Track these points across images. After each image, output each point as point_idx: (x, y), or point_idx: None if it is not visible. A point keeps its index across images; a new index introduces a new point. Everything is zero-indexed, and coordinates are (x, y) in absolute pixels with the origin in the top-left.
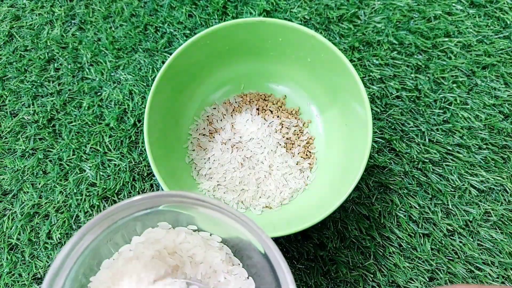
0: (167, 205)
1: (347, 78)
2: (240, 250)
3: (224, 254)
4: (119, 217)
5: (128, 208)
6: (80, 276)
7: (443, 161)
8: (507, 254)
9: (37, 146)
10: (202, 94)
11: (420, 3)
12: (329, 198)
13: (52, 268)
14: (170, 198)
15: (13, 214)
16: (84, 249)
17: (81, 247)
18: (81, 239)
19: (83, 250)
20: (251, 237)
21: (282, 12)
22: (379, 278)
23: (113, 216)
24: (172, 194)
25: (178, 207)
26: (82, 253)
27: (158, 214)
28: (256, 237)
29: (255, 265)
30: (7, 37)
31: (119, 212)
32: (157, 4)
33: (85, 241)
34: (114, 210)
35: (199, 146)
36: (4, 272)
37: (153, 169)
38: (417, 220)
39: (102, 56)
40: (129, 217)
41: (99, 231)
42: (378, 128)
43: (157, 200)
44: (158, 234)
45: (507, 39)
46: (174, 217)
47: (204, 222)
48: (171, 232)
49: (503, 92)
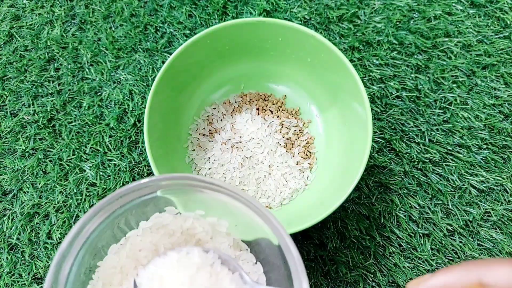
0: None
1: (347, 78)
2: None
3: (231, 239)
4: (127, 200)
5: (137, 191)
6: (87, 259)
7: (443, 161)
8: (507, 254)
9: (37, 146)
10: (202, 94)
11: (420, 3)
12: (329, 198)
13: (60, 250)
14: (180, 180)
15: (13, 214)
16: (91, 232)
17: (88, 230)
18: (89, 221)
19: (90, 233)
20: (261, 222)
21: (282, 12)
22: (379, 278)
23: (120, 199)
24: (182, 177)
25: (187, 191)
26: (89, 237)
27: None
28: (266, 222)
29: (264, 251)
30: (7, 37)
31: (126, 195)
32: (157, 4)
33: (93, 224)
34: (123, 192)
35: (199, 146)
36: (4, 272)
37: (153, 169)
38: (417, 220)
39: (102, 56)
40: (136, 201)
41: (107, 214)
42: (378, 128)
43: (166, 183)
44: (165, 219)
45: (507, 39)
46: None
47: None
48: (179, 217)
49: (503, 92)
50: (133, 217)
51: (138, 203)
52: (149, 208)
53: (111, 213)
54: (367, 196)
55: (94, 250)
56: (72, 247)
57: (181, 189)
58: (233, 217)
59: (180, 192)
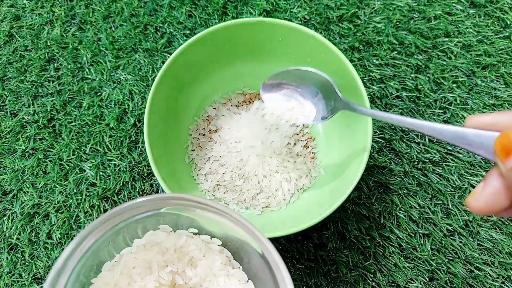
0: (168, 208)
1: (347, 78)
2: (240, 253)
3: (224, 257)
4: (121, 219)
5: (130, 210)
6: (81, 277)
7: (443, 161)
8: (507, 254)
9: (37, 146)
10: (202, 94)
11: (420, 3)
12: (329, 198)
13: (54, 269)
14: (171, 201)
15: (13, 214)
16: (86, 251)
17: (83, 248)
18: (83, 240)
19: (84, 251)
20: (249, 238)
21: (282, 12)
22: (379, 278)
23: (115, 218)
24: (173, 197)
25: (179, 209)
26: (84, 255)
27: (159, 217)
28: (254, 239)
29: (254, 267)
30: (7, 37)
31: (121, 214)
32: (157, 4)
33: (87, 242)
34: (116, 212)
35: (199, 146)
36: (4, 272)
37: (153, 169)
38: (417, 220)
39: (102, 56)
40: (130, 220)
41: (101, 233)
42: (378, 128)
43: (158, 202)
44: (159, 237)
45: (507, 39)
46: (175, 219)
47: (206, 222)
48: (172, 235)
49: (503, 92)
50: (127, 234)
51: (132, 222)
52: (143, 226)
53: (106, 231)
54: (367, 196)
55: (88, 268)
56: (67, 265)
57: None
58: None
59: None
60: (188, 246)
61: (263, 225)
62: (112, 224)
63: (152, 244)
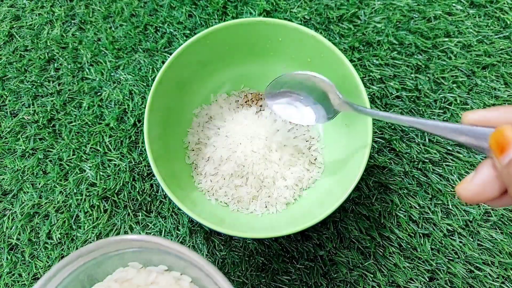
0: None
1: (347, 78)
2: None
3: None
4: (91, 257)
5: (96, 250)
6: None
7: (443, 161)
8: (507, 254)
9: (37, 146)
10: (202, 94)
11: (420, 3)
12: (329, 198)
13: None
14: (132, 242)
15: (13, 214)
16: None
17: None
18: (52, 277)
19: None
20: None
21: (282, 12)
22: (379, 278)
23: (83, 257)
24: (133, 239)
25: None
26: None
27: (129, 254)
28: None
29: None
30: (7, 37)
31: (88, 254)
32: (157, 4)
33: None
34: (83, 252)
35: (199, 146)
36: (4, 272)
37: (153, 169)
38: (417, 220)
39: (102, 56)
40: (100, 258)
41: (71, 270)
42: (378, 128)
43: (118, 244)
44: (129, 274)
45: (507, 39)
46: (145, 256)
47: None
48: (142, 271)
49: (503, 92)
50: (98, 271)
51: (102, 260)
52: (113, 263)
53: (76, 268)
54: (367, 196)
55: None
56: None
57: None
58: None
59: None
60: (159, 282)
61: (263, 225)
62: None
63: (122, 281)
